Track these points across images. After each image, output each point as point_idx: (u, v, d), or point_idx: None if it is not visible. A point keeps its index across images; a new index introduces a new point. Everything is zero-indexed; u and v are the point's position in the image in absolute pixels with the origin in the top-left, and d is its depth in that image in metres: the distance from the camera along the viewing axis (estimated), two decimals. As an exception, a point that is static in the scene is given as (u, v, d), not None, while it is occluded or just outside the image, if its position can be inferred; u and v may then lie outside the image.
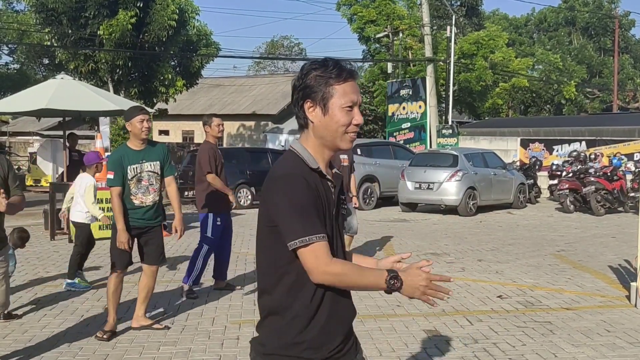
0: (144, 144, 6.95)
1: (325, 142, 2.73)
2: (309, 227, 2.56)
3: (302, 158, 2.71)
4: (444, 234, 15.25)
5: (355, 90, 2.71)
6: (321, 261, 2.56)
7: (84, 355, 6.32)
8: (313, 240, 2.55)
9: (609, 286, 9.68)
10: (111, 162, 6.89)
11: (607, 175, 20.09)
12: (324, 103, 2.68)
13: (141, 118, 6.83)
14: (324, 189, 2.70)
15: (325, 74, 2.68)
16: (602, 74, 55.30)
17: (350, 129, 2.70)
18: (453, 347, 6.66)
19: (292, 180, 2.62)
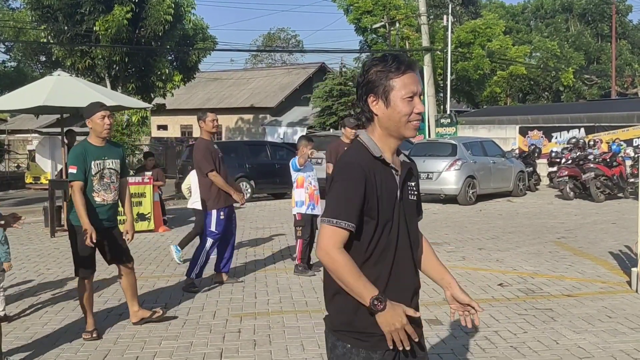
0: (104, 141, 6.75)
1: (391, 132, 2.92)
2: (340, 211, 2.77)
3: (367, 147, 2.90)
4: (444, 223, 15.25)
5: (414, 81, 2.88)
6: (330, 243, 2.77)
7: (85, 351, 6.33)
8: (338, 223, 2.76)
9: (609, 272, 9.69)
10: (73, 156, 6.62)
11: (606, 161, 20.09)
12: (386, 96, 2.86)
13: (102, 114, 6.64)
14: (386, 176, 2.88)
15: (385, 69, 2.86)
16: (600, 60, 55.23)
17: (412, 117, 2.88)
18: (455, 335, 6.67)
19: (349, 168, 2.84)
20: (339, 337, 2.89)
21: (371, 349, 2.85)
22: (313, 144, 9.59)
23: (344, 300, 2.85)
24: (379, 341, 2.83)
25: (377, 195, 2.82)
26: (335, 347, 2.90)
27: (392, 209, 2.88)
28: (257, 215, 17.15)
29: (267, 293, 8.60)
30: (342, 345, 2.88)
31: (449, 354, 6.12)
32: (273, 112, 46.99)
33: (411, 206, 3.02)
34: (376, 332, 2.81)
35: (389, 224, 2.87)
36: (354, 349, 2.85)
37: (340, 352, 2.89)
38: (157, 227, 14.11)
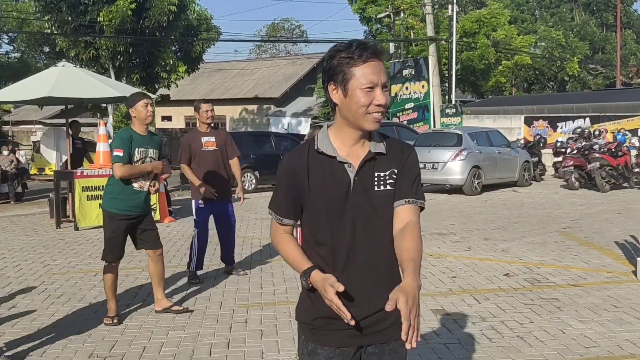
0: (146, 130, 6.96)
1: (350, 123, 2.76)
2: (273, 204, 2.91)
3: (315, 140, 2.82)
4: (450, 214, 15.24)
5: (376, 71, 2.69)
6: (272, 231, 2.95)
7: (93, 341, 6.34)
8: (271, 214, 2.91)
9: (615, 262, 9.68)
10: (119, 140, 6.78)
11: (611, 151, 20.06)
12: (344, 85, 2.70)
13: (145, 102, 6.83)
14: (332, 170, 2.75)
15: (347, 56, 2.70)
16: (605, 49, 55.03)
17: (371, 109, 2.69)
18: (461, 325, 6.67)
19: (281, 164, 2.88)
20: (299, 327, 2.94)
21: (318, 344, 2.81)
22: None
23: (302, 291, 2.91)
24: (326, 336, 2.79)
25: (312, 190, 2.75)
26: (299, 338, 2.95)
27: (344, 201, 2.74)
28: (262, 206, 17.16)
29: (273, 283, 8.61)
30: (299, 335, 2.93)
31: (456, 344, 6.12)
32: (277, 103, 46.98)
33: (380, 197, 2.77)
34: (324, 327, 2.78)
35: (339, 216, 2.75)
36: (305, 341, 2.87)
37: (300, 342, 2.93)
38: (162, 218, 14.13)
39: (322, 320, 2.77)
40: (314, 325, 2.81)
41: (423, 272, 9.00)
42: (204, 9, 31.77)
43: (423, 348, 6.01)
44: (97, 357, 5.91)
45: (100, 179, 13.24)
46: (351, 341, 2.78)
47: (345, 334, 2.76)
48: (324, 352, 2.80)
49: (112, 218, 6.82)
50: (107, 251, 6.91)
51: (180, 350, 6.06)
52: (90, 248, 11.25)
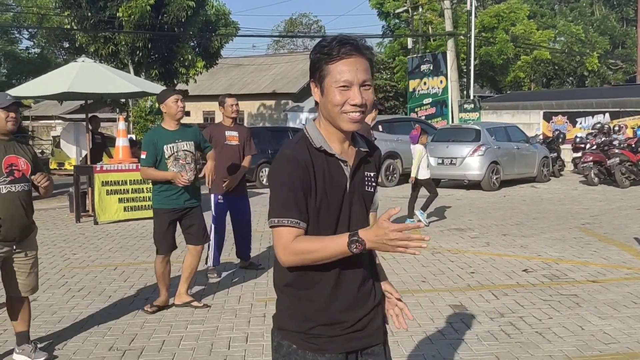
0: (178, 124, 7.08)
1: (330, 122, 2.65)
2: (281, 209, 2.56)
3: (308, 137, 2.67)
4: (468, 209, 15.20)
5: (352, 68, 2.55)
6: (283, 243, 2.55)
7: (112, 335, 6.40)
8: (282, 222, 2.54)
9: (635, 258, 9.62)
10: (145, 142, 7.02)
11: (631, 146, 19.91)
12: (321, 82, 2.61)
13: (175, 98, 6.97)
14: (330, 167, 2.64)
15: (324, 52, 2.57)
16: (625, 44, 54.56)
17: (346, 108, 2.57)
18: (479, 321, 6.66)
19: (284, 160, 2.61)
20: (284, 336, 2.73)
21: (319, 352, 2.67)
22: None
23: (290, 299, 2.70)
24: (327, 343, 2.67)
25: (317, 189, 2.60)
26: (281, 347, 2.74)
27: (340, 202, 2.65)
28: (280, 201, 17.17)
29: (291, 278, 8.61)
30: (287, 345, 2.71)
31: (474, 339, 6.12)
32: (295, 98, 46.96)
33: (367, 197, 2.77)
34: (323, 334, 2.66)
35: (335, 218, 2.65)
36: (300, 351, 2.68)
37: (285, 351, 2.72)
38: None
39: (322, 327, 2.66)
40: (312, 334, 2.67)
41: (441, 267, 9.03)
42: (222, 4, 31.87)
43: (441, 343, 6.01)
44: (117, 350, 5.96)
45: (120, 174, 13.34)
46: (352, 344, 2.72)
47: (346, 337, 2.70)
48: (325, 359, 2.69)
49: (156, 213, 7.10)
50: (157, 244, 7.15)
51: (199, 344, 6.10)
52: (109, 242, 11.32)
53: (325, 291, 2.65)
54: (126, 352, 5.93)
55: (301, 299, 2.68)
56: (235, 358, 5.75)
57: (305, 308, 2.67)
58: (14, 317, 5.70)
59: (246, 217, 9.03)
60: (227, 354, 5.84)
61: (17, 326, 5.73)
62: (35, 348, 5.73)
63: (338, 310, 2.67)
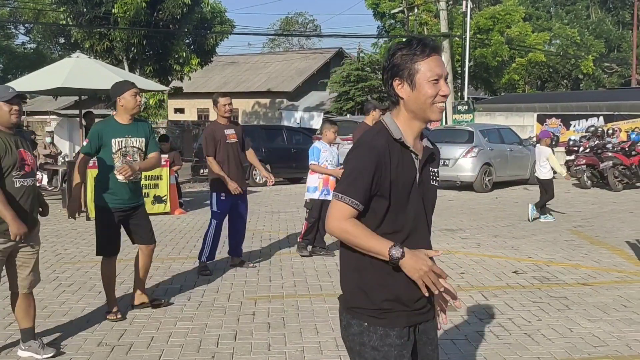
0: (131, 119, 6.74)
1: (416, 116, 2.94)
2: (348, 187, 2.84)
3: (388, 129, 2.94)
4: (460, 210, 15.22)
5: (439, 64, 2.90)
6: (337, 216, 2.84)
7: (101, 330, 6.39)
8: (343, 199, 2.83)
9: (626, 262, 9.65)
10: (91, 131, 6.68)
11: (624, 150, 19.95)
12: (411, 79, 2.88)
13: (133, 92, 6.65)
14: (404, 159, 2.91)
15: (411, 52, 2.88)
16: (621, 48, 54.70)
17: (437, 99, 2.90)
18: (469, 322, 6.67)
19: (364, 147, 2.89)
20: (354, 315, 2.93)
21: (389, 326, 2.89)
22: (337, 127, 9.59)
23: (359, 278, 2.92)
24: (396, 318, 2.90)
25: (391, 177, 2.85)
26: (350, 326, 2.94)
27: (408, 192, 2.91)
28: (273, 200, 17.19)
29: (281, 277, 8.63)
30: (357, 323, 2.92)
31: (463, 340, 6.13)
32: (290, 97, 46.97)
33: (432, 191, 3.06)
34: (392, 309, 2.88)
35: (403, 206, 2.90)
36: (371, 327, 2.89)
37: (355, 330, 2.92)
38: (173, 209, 14.17)
39: (390, 302, 2.88)
40: (382, 309, 2.89)
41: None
42: (217, 2, 31.79)
43: (430, 343, 6.01)
44: (106, 346, 5.96)
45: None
46: (414, 319, 2.96)
47: (408, 314, 2.93)
48: (395, 333, 2.90)
49: (102, 212, 6.64)
50: (103, 247, 6.73)
51: (188, 341, 6.09)
52: (101, 238, 11.29)
53: (396, 270, 2.84)
54: (115, 347, 5.92)
55: (369, 278, 2.89)
56: (223, 355, 5.75)
57: (374, 286, 2.89)
58: (20, 313, 5.68)
59: (244, 214, 9.09)
60: (216, 351, 5.84)
61: (22, 322, 5.71)
62: (42, 344, 5.73)
63: (405, 288, 2.88)
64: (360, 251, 2.86)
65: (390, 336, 2.89)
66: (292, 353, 5.79)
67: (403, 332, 2.92)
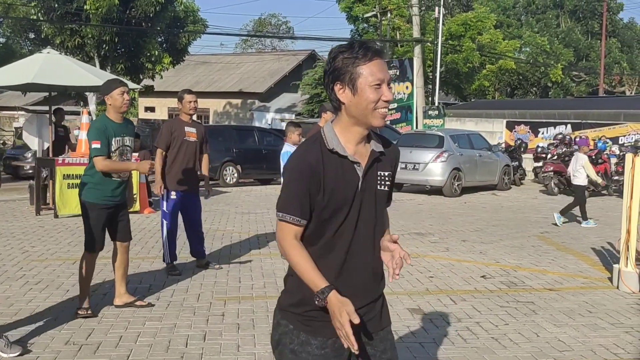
0: (122, 118, 6.80)
1: (357, 121, 2.84)
2: (285, 205, 2.83)
3: (324, 138, 2.86)
4: (429, 214, 15.32)
5: (382, 68, 2.81)
6: (282, 235, 2.86)
7: (69, 329, 6.34)
8: (285, 218, 2.82)
9: (591, 268, 9.78)
10: (95, 131, 6.63)
11: (591, 158, 20.17)
12: (353, 83, 2.79)
13: (122, 90, 6.65)
14: (342, 168, 2.83)
15: (352, 56, 2.79)
16: (589, 57, 55.36)
17: (379, 105, 2.81)
18: (436, 325, 6.72)
19: (296, 161, 2.84)
20: (284, 315, 2.93)
21: (311, 334, 2.86)
22: (301, 130, 9.59)
23: (293, 282, 2.90)
24: (320, 327, 2.84)
25: (327, 188, 2.79)
26: (279, 325, 2.94)
27: (351, 201, 2.84)
28: (243, 200, 17.16)
29: (251, 277, 8.63)
30: (285, 324, 2.92)
31: (431, 343, 6.18)
32: (261, 98, 46.89)
33: (380, 196, 2.95)
34: (318, 318, 2.83)
35: (344, 215, 2.84)
36: (295, 331, 2.88)
37: (282, 330, 2.92)
38: (142, 208, 14.10)
39: (317, 311, 2.81)
40: (308, 316, 2.86)
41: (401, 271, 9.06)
42: (191, 1, 31.69)
43: (398, 347, 6.03)
44: (74, 345, 5.92)
45: (82, 168, 13.13)
46: None
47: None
48: (317, 342, 2.86)
49: (91, 208, 6.66)
50: (90, 242, 6.73)
51: (157, 341, 6.07)
52: (69, 236, 11.22)
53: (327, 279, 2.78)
54: (83, 346, 5.88)
55: (302, 283, 2.82)
56: (192, 356, 5.74)
57: (304, 291, 2.82)
58: None
59: (197, 215, 8.99)
60: (185, 352, 5.83)
61: None
62: (9, 342, 5.66)
63: None
64: None
65: (311, 344, 2.86)
66: (262, 354, 5.80)
67: (327, 343, 2.86)
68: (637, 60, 58.26)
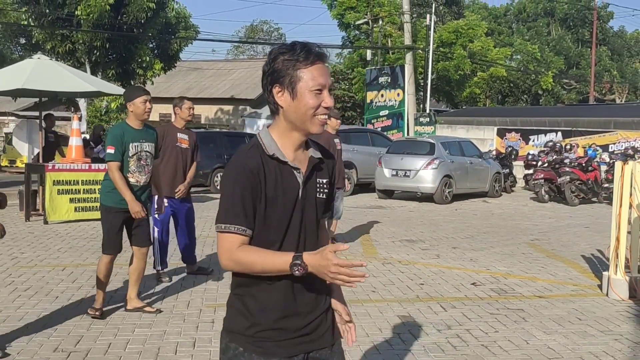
0: (142, 124, 6.95)
1: (295, 127, 2.71)
2: (228, 215, 2.65)
3: (262, 144, 2.71)
4: (420, 221, 15.33)
5: (323, 73, 2.68)
6: (226, 248, 2.65)
7: (58, 336, 6.31)
8: (229, 229, 2.64)
9: (581, 275, 9.80)
10: (112, 137, 6.83)
11: (582, 165, 20.27)
12: (292, 87, 2.65)
13: (144, 99, 6.83)
14: (282, 174, 2.70)
15: (293, 58, 2.65)
16: (580, 65, 55.64)
17: (319, 111, 2.68)
18: (426, 332, 6.72)
19: (235, 167, 2.68)
20: (232, 339, 2.76)
21: (264, 356, 2.70)
22: None
23: (239, 300, 2.76)
24: (275, 347, 2.71)
25: (268, 196, 2.66)
26: (228, 349, 2.76)
27: (292, 209, 2.71)
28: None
29: (241, 284, 8.58)
30: (234, 347, 2.74)
31: (421, 350, 6.17)
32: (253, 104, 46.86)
33: (319, 204, 2.82)
34: (270, 338, 2.70)
35: (286, 225, 2.71)
36: (247, 353, 2.71)
37: (231, 354, 2.75)
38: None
39: (269, 331, 2.70)
40: (260, 337, 2.70)
41: (391, 278, 9.08)
42: (182, 7, 31.72)
43: (388, 354, 6.05)
44: (62, 352, 5.89)
45: (72, 174, 13.17)
46: (299, 348, 2.75)
47: (293, 342, 2.73)
48: None
49: (108, 211, 6.86)
50: (106, 244, 6.93)
51: (146, 348, 6.05)
52: (59, 242, 11.17)
53: (275, 296, 2.69)
54: (71, 353, 5.86)
55: (250, 303, 2.71)
56: (182, 363, 5.72)
57: (253, 312, 2.71)
58: None
59: (190, 222, 8.98)
60: (174, 359, 5.81)
61: None
62: None
63: (286, 315, 2.72)
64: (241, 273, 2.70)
65: None
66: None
67: None
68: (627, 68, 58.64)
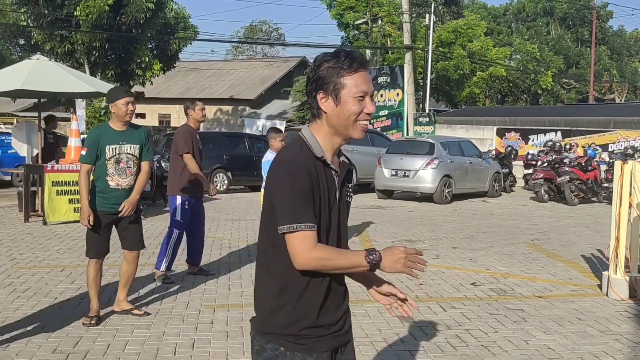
0: (125, 125, 6.82)
1: (337, 132, 2.83)
2: (298, 214, 2.67)
3: (308, 145, 2.81)
4: (419, 221, 15.31)
5: (366, 80, 2.79)
6: (304, 247, 2.67)
7: (57, 337, 6.30)
8: (301, 228, 2.66)
9: (581, 275, 9.79)
10: (88, 139, 6.77)
11: (581, 165, 20.25)
12: (336, 94, 2.76)
13: (126, 100, 6.72)
14: (326, 177, 2.80)
15: (337, 65, 2.76)
16: (579, 64, 55.61)
17: (361, 117, 2.79)
18: (426, 333, 6.71)
19: (295, 166, 2.72)
20: (270, 339, 2.81)
21: (307, 352, 2.78)
22: (283, 135, 9.50)
23: (277, 301, 2.81)
24: (314, 343, 2.79)
25: (320, 195, 2.75)
26: (264, 350, 2.82)
27: (330, 210, 2.82)
28: (233, 207, 17.13)
29: (241, 285, 8.60)
30: (272, 347, 2.80)
31: (420, 351, 6.16)
32: (252, 105, 46.90)
33: (347, 208, 2.96)
34: (311, 335, 2.79)
35: (327, 226, 2.80)
36: (288, 352, 2.78)
37: (269, 355, 2.81)
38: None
39: (310, 329, 2.78)
40: (302, 335, 2.78)
41: (390, 278, 9.04)
42: (181, 7, 31.73)
43: (388, 354, 6.04)
44: (61, 353, 5.88)
45: (71, 174, 13.14)
46: (332, 343, 2.87)
47: (329, 337, 2.84)
48: (312, 359, 2.81)
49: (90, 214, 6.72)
50: (88, 248, 6.86)
51: (145, 349, 6.04)
52: (58, 243, 11.16)
53: (317, 295, 2.80)
54: (70, 355, 5.85)
55: (294, 303, 2.79)
56: (181, 364, 5.71)
57: (296, 311, 2.79)
58: None
59: (203, 221, 9.06)
60: (173, 360, 5.80)
61: None
62: None
63: (324, 312, 2.82)
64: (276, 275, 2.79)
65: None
66: (250, 362, 5.77)
67: (322, 357, 2.83)
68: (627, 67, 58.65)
